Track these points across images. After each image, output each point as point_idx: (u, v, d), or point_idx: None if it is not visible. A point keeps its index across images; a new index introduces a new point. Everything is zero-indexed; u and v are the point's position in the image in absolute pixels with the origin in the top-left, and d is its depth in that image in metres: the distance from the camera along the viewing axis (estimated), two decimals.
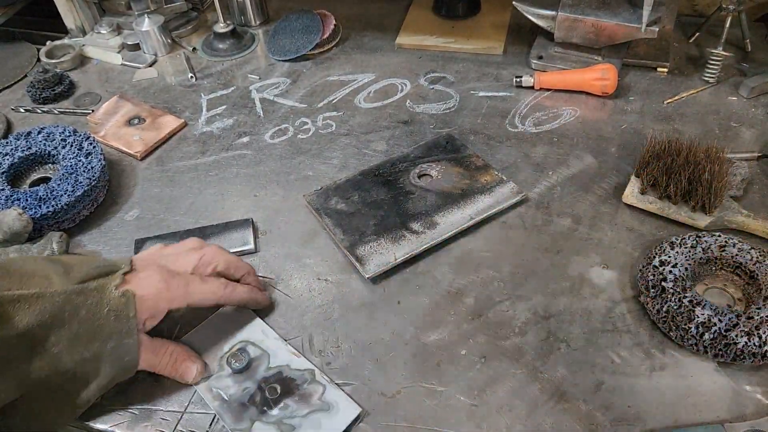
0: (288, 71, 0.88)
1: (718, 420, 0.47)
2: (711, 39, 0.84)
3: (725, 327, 0.49)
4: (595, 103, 0.78)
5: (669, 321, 0.52)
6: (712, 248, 0.55)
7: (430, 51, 0.89)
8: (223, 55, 0.92)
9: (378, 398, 0.50)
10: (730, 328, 0.49)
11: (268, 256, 0.62)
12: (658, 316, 0.52)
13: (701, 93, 0.78)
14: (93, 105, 0.85)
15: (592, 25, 0.78)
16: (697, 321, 0.50)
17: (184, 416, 0.50)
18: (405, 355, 0.53)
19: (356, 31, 0.95)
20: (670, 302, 0.51)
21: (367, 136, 0.76)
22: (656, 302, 0.53)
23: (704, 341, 0.50)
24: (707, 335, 0.49)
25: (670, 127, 0.74)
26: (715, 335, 0.49)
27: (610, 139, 0.73)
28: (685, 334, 0.51)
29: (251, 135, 0.78)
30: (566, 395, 0.49)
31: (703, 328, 0.50)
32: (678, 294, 0.52)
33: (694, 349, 0.51)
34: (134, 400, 0.51)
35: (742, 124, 0.73)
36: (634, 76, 0.81)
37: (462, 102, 0.80)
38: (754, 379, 0.50)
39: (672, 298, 0.52)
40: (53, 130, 0.71)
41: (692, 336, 0.50)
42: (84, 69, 0.92)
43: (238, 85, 0.86)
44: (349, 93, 0.83)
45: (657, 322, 0.53)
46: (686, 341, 0.51)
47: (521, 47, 0.88)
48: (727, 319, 0.49)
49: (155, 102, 0.84)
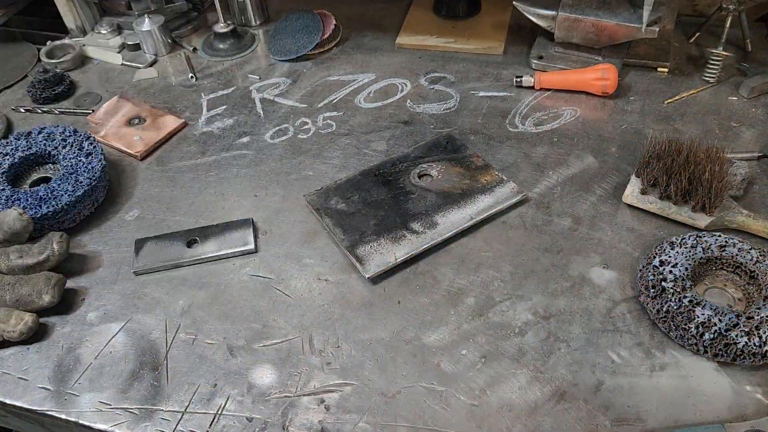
0: (288, 71, 0.88)
1: (719, 420, 0.47)
2: (711, 39, 0.84)
3: (725, 327, 0.49)
4: (595, 103, 0.78)
5: (669, 321, 0.52)
6: (712, 248, 0.55)
7: (430, 51, 0.89)
8: (224, 55, 0.92)
9: (378, 398, 0.50)
10: (730, 328, 0.49)
11: (268, 256, 0.62)
12: (658, 316, 0.52)
13: (701, 93, 0.78)
14: (93, 105, 0.85)
15: (592, 25, 0.78)
16: (697, 321, 0.50)
17: (184, 416, 0.50)
18: (405, 355, 0.53)
19: (356, 31, 0.95)
20: (670, 302, 0.51)
21: (367, 136, 0.76)
22: (656, 302, 0.53)
23: (704, 341, 0.50)
24: (707, 335, 0.49)
25: (670, 127, 0.73)
26: (715, 335, 0.49)
27: (610, 139, 0.73)
28: (685, 334, 0.51)
29: (251, 135, 0.78)
30: (566, 395, 0.49)
31: (703, 328, 0.50)
32: (678, 294, 0.52)
33: (695, 349, 0.51)
34: (134, 400, 0.51)
35: (742, 124, 0.73)
36: (635, 76, 0.81)
37: (462, 102, 0.80)
38: (754, 379, 0.49)
39: (672, 298, 0.52)
40: (54, 130, 0.71)
41: (692, 336, 0.50)
42: (84, 69, 0.92)
43: (239, 85, 0.86)
44: (350, 93, 0.83)
45: (657, 322, 0.53)
46: (686, 341, 0.51)
47: (521, 47, 0.88)
48: (727, 319, 0.49)
49: (155, 102, 0.84)
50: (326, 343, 0.54)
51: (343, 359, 0.53)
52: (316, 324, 0.56)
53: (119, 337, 0.56)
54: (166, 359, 0.54)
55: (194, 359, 0.54)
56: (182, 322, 0.57)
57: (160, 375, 0.53)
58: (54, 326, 0.58)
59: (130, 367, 0.54)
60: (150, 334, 0.56)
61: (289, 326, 0.56)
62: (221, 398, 0.51)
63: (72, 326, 0.58)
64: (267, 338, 0.55)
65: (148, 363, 0.54)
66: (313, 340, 0.54)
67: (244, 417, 0.50)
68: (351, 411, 0.50)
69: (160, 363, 0.54)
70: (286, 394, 0.51)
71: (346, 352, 0.53)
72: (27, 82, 0.88)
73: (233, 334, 0.56)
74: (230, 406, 0.51)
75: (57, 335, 0.57)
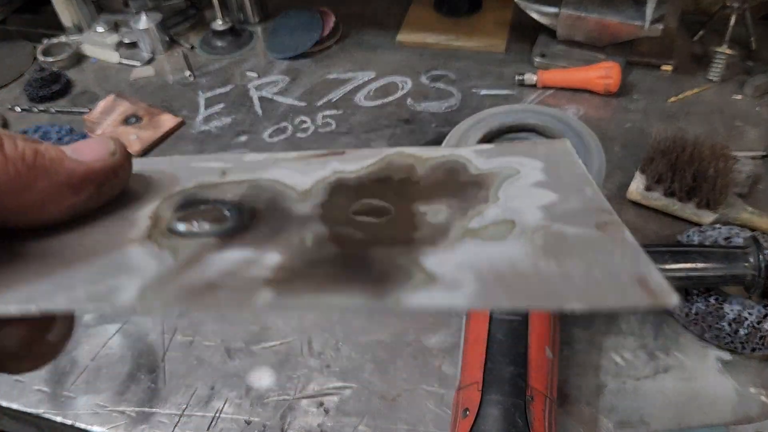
0: (287, 69, 0.87)
1: (723, 422, 0.46)
2: (715, 37, 0.83)
3: (756, 320, 0.48)
4: (598, 102, 0.77)
5: (700, 323, 0.51)
6: (719, 241, 0.54)
7: (431, 48, 0.89)
8: (222, 53, 0.91)
9: (378, 401, 0.49)
10: (761, 320, 0.48)
11: None
12: (688, 319, 0.51)
13: (705, 91, 0.77)
14: (90, 104, 0.84)
15: (595, 23, 0.77)
16: (728, 318, 0.49)
17: (181, 419, 0.49)
18: (406, 357, 0.52)
19: (356, 29, 0.94)
20: (698, 303, 0.51)
21: (367, 134, 0.75)
22: (684, 307, 0.52)
23: (740, 337, 0.49)
24: (741, 330, 0.49)
25: (674, 125, 0.73)
26: (749, 330, 0.48)
27: (613, 138, 0.72)
28: (719, 333, 0.50)
29: (250, 134, 0.77)
30: (569, 398, 0.49)
31: (736, 324, 0.49)
32: (702, 293, 0.51)
33: (731, 347, 0.50)
34: (131, 402, 0.50)
35: (747, 123, 0.72)
36: (638, 74, 0.81)
37: (464, 100, 0.79)
38: (759, 381, 0.49)
39: (698, 299, 0.51)
40: (49, 130, 0.71)
41: (727, 334, 0.49)
42: (81, 67, 0.92)
43: (237, 84, 0.85)
44: (350, 91, 0.82)
45: (687, 326, 0.52)
46: (722, 340, 0.50)
47: (523, 45, 0.87)
48: (756, 311, 0.49)
49: (152, 100, 0.83)
50: (325, 345, 0.54)
51: (342, 361, 0.52)
52: (315, 325, 0.55)
53: (116, 338, 0.56)
54: (163, 361, 0.54)
55: (192, 361, 0.53)
56: (179, 324, 0.56)
57: (157, 377, 0.52)
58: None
59: (127, 369, 0.53)
60: (147, 336, 0.56)
61: (287, 328, 0.55)
62: (219, 401, 0.50)
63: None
64: (265, 340, 0.55)
65: (145, 365, 0.53)
66: (312, 342, 0.54)
67: (243, 420, 0.49)
68: (351, 414, 0.49)
69: (157, 365, 0.53)
70: (284, 397, 0.50)
71: (346, 354, 0.53)
72: (23, 80, 0.87)
73: (231, 335, 0.55)
74: (228, 408, 0.50)
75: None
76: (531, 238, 0.17)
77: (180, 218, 0.19)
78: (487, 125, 0.54)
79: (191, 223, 0.19)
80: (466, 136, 0.53)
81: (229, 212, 0.19)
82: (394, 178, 0.21)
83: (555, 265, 0.16)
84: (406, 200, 0.20)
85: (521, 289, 0.15)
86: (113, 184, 0.19)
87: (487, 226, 0.18)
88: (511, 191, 0.20)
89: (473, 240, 0.17)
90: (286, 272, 0.16)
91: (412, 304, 0.15)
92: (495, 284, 0.15)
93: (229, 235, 0.18)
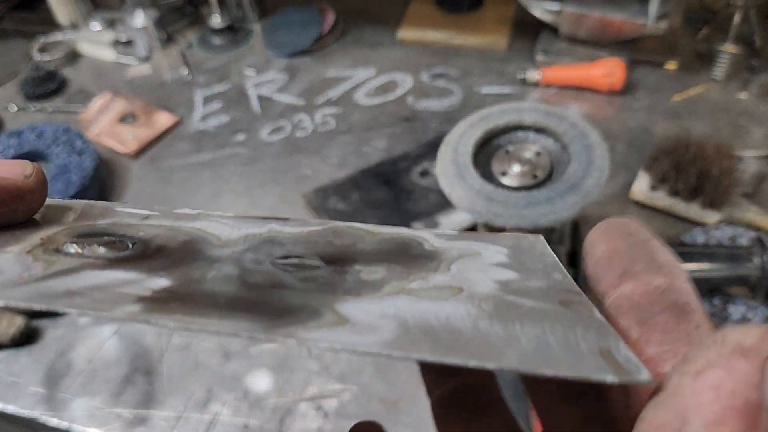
0: (285, 67, 0.86)
1: None
2: (719, 35, 0.82)
3: (761, 321, 0.48)
4: (602, 100, 0.76)
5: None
6: (723, 242, 0.54)
7: (432, 46, 0.88)
8: (219, 51, 0.90)
9: (378, 405, 0.49)
10: (765, 321, 0.48)
11: None
12: None
13: (710, 90, 0.77)
14: (86, 102, 0.83)
15: (598, 20, 0.77)
16: (732, 320, 0.49)
17: (179, 422, 0.48)
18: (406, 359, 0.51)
19: (356, 25, 0.93)
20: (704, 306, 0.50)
21: (367, 133, 0.74)
22: None
23: None
24: None
25: (678, 124, 0.72)
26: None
27: (617, 137, 0.71)
28: None
29: (247, 132, 0.76)
30: None
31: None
32: (707, 295, 0.50)
33: None
34: (127, 404, 0.50)
35: (751, 122, 0.71)
36: (642, 72, 0.80)
37: (465, 98, 0.78)
38: None
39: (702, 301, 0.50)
40: (45, 129, 0.70)
41: None
42: (77, 66, 0.91)
43: (234, 82, 0.84)
44: (349, 89, 0.81)
45: None
46: None
47: (525, 42, 0.86)
48: (760, 312, 0.48)
49: (149, 99, 0.82)
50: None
51: (341, 364, 0.51)
52: None
53: (112, 341, 0.55)
54: (160, 363, 0.53)
55: (189, 364, 0.53)
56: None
57: (154, 379, 0.52)
58: (46, 329, 0.56)
59: (124, 372, 0.52)
60: (144, 338, 0.55)
61: None
62: (217, 404, 0.50)
63: (64, 330, 0.56)
64: (264, 342, 0.54)
65: (141, 367, 0.53)
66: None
67: (241, 423, 0.48)
68: (350, 417, 0.48)
69: (153, 367, 0.53)
70: (283, 400, 0.50)
71: (345, 357, 0.52)
72: (19, 79, 0.87)
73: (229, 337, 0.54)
74: (226, 411, 0.49)
75: (49, 339, 0.56)
76: (478, 304, 0.14)
77: (74, 242, 0.17)
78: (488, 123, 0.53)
79: (83, 246, 0.17)
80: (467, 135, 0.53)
81: (132, 244, 0.17)
82: (335, 242, 0.18)
83: (500, 328, 0.13)
84: (341, 261, 0.17)
85: (451, 343, 0.12)
86: (18, 207, 0.19)
87: (429, 288, 0.15)
88: (466, 266, 0.17)
89: (408, 296, 0.15)
90: (167, 294, 0.14)
91: (307, 337, 0.12)
92: (419, 335, 0.13)
93: (122, 260, 0.16)
